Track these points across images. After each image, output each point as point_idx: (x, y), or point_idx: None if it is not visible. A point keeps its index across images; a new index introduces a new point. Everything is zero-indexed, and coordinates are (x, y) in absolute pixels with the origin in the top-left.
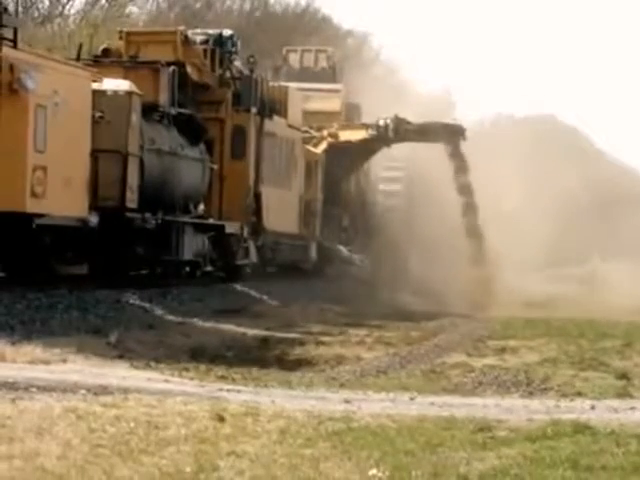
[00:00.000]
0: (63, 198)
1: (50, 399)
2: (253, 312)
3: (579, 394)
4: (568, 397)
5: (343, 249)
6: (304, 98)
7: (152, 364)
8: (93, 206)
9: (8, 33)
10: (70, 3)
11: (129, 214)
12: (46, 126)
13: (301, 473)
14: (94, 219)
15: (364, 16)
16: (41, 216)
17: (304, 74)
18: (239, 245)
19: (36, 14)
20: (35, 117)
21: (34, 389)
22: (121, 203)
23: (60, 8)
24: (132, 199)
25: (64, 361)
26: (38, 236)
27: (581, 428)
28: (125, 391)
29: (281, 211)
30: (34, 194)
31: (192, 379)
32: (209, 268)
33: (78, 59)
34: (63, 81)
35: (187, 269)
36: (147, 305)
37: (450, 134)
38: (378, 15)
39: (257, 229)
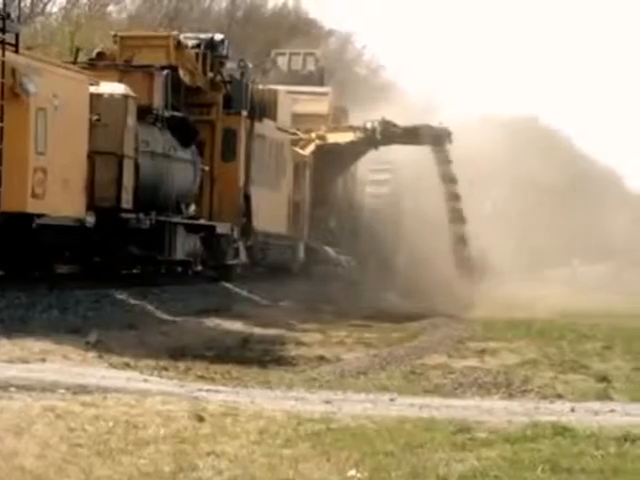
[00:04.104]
0: (61, 199)
1: (29, 398)
2: (235, 312)
3: (559, 396)
4: (548, 399)
5: (330, 250)
6: (292, 101)
7: (131, 364)
8: (90, 206)
9: (10, 38)
10: (52, 1)
11: (124, 214)
12: (46, 129)
13: (280, 473)
14: (91, 219)
15: (347, 16)
16: (41, 216)
17: (292, 77)
18: (229, 245)
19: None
20: (36, 120)
21: (13, 388)
22: (117, 204)
23: (41, 6)
24: (127, 200)
25: (43, 360)
26: (38, 236)
27: (561, 430)
28: (104, 390)
29: (270, 212)
30: (34, 195)
31: (171, 379)
32: (199, 268)
33: (75, 62)
34: (62, 85)
35: (179, 269)
36: (127, 304)
37: (437, 137)
38: (362, 16)
39: (247, 230)
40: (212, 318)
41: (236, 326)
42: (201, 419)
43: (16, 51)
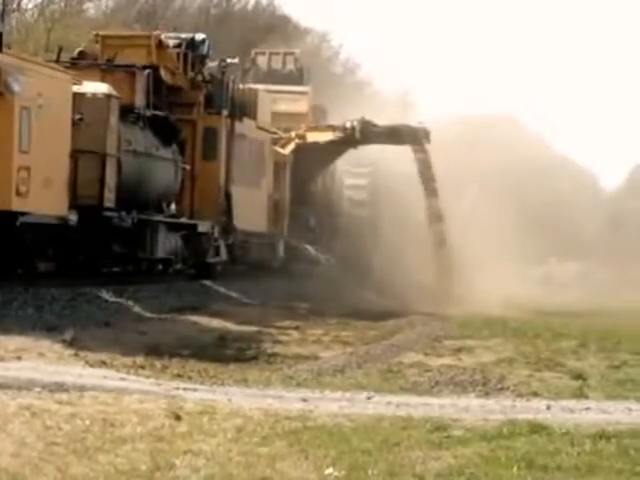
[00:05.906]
0: (45, 197)
1: (5, 396)
2: (213, 310)
3: (535, 394)
4: (524, 397)
5: (310, 248)
6: (272, 100)
7: (108, 362)
8: (72, 205)
9: None
10: None
11: (107, 213)
12: (30, 128)
13: (257, 472)
14: (73, 217)
15: (324, 15)
16: (24, 214)
17: (272, 76)
18: (210, 243)
19: None
20: (20, 119)
21: None
22: (99, 202)
23: (16, 3)
24: (110, 198)
25: (19, 358)
26: (21, 234)
27: (537, 428)
28: (81, 389)
29: (250, 210)
30: (19, 193)
31: (148, 377)
32: (180, 266)
33: (57, 61)
34: (46, 84)
35: (160, 267)
36: (104, 302)
37: (416, 137)
38: (338, 14)
39: (227, 228)
40: (189, 316)
41: (213, 324)
42: (178, 417)
43: (0, 50)
